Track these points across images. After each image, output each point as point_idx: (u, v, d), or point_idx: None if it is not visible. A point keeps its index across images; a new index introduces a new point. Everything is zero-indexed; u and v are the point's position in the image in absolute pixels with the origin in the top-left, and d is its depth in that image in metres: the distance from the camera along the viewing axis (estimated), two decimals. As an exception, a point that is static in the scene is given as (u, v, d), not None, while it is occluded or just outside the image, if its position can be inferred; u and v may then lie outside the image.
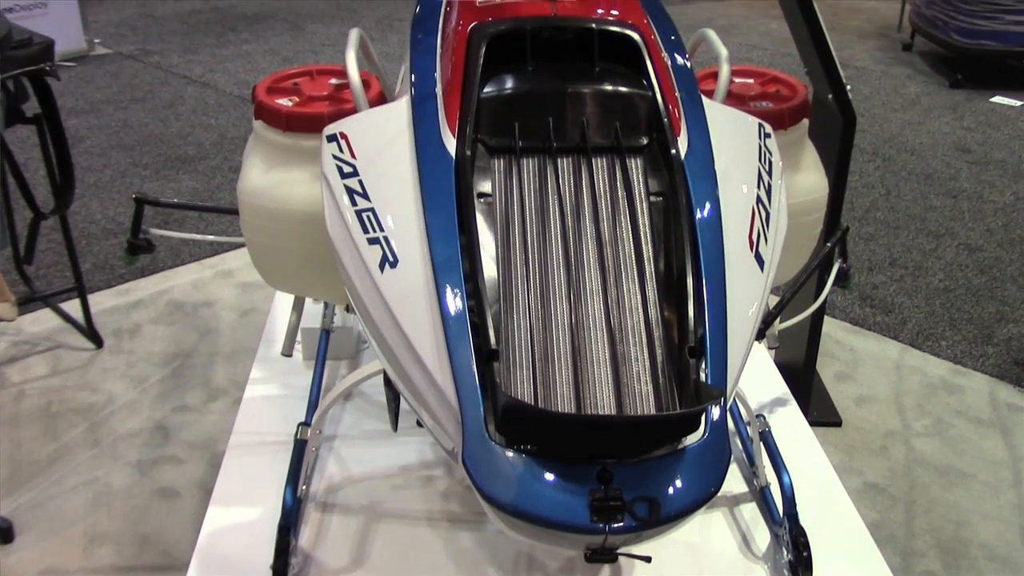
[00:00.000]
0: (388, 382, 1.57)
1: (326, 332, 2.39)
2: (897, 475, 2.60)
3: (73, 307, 3.11)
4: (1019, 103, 5.62)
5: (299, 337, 2.33)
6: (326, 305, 2.42)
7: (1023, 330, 3.31)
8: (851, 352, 3.17)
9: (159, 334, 3.14)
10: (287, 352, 2.05)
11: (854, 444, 2.71)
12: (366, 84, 1.79)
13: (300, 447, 1.91)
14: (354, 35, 1.83)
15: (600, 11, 1.65)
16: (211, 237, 2.27)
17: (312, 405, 2.15)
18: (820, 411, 2.82)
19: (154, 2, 7.49)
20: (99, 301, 3.29)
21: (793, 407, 2.28)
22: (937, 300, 3.49)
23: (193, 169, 4.41)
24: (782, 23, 2.97)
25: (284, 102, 1.82)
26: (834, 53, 2.42)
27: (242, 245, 1.90)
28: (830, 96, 2.46)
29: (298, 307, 2.08)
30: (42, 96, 2.65)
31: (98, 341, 3.05)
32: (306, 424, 1.97)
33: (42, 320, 3.16)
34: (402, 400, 1.43)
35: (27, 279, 3.16)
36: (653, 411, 1.25)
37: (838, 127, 2.46)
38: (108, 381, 2.88)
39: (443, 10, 1.75)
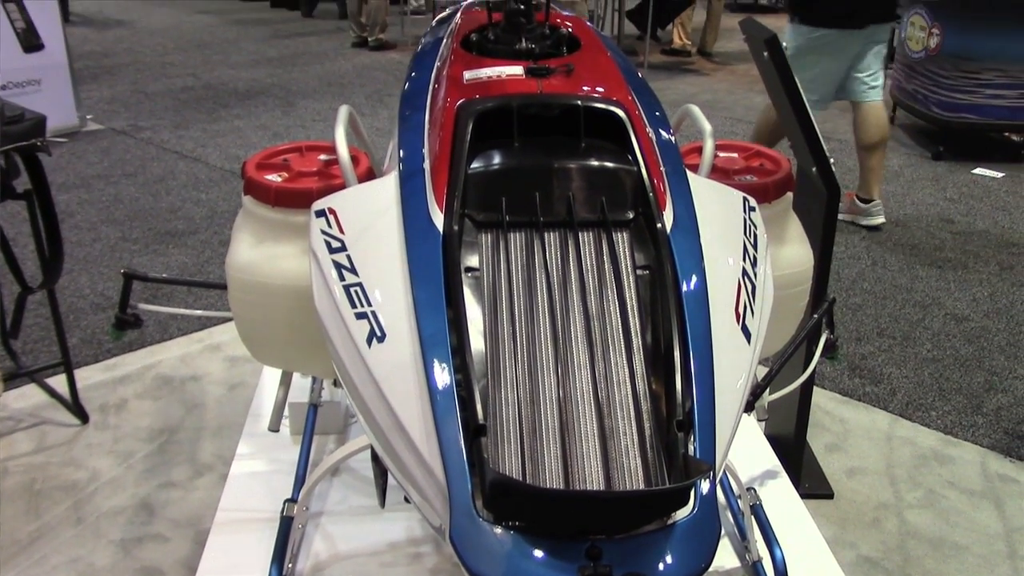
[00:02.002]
0: (376, 457, 1.56)
1: (314, 407, 2.38)
2: (891, 548, 2.57)
3: (59, 382, 3.08)
4: (1001, 174, 5.70)
5: (286, 412, 2.31)
6: (314, 379, 2.41)
7: (1012, 400, 3.31)
8: (841, 423, 3.16)
9: (145, 409, 3.12)
10: (274, 427, 2.04)
11: (846, 516, 2.69)
12: (355, 160, 1.81)
13: (286, 524, 1.89)
14: (343, 112, 1.86)
15: (585, 88, 1.68)
16: (199, 312, 2.28)
17: (299, 481, 2.13)
18: (811, 483, 2.80)
19: (146, 79, 7.58)
20: (86, 376, 3.26)
21: (784, 479, 2.27)
22: (926, 370, 3.50)
23: (183, 243, 4.42)
24: (765, 97, 3.03)
25: (273, 178, 1.83)
26: (817, 127, 2.46)
27: (230, 319, 1.90)
28: (814, 169, 2.50)
29: (286, 382, 2.07)
30: (33, 172, 2.67)
31: (83, 417, 3.02)
32: (293, 501, 1.94)
33: (27, 396, 3.14)
34: (390, 476, 1.42)
35: (13, 354, 3.14)
36: (642, 486, 1.24)
37: (822, 199, 2.49)
38: (93, 457, 2.85)
39: (431, 87, 1.78)
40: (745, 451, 2.35)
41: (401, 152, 1.62)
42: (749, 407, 1.88)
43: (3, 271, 2.79)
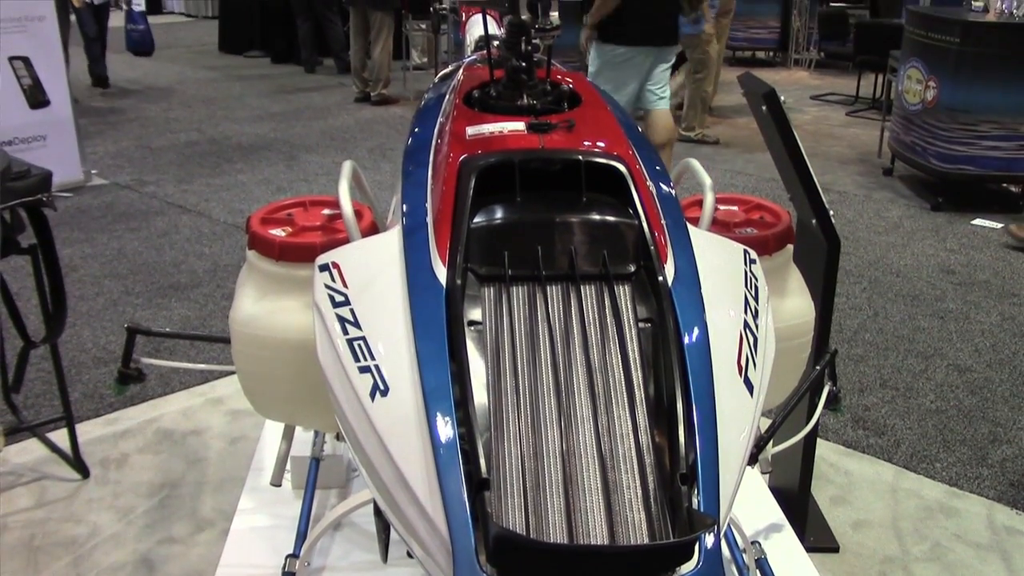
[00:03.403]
0: (378, 512, 1.55)
1: (316, 461, 2.37)
2: (898, 602, 2.54)
3: (61, 436, 3.08)
4: (1000, 225, 5.72)
5: (288, 465, 2.31)
6: (316, 433, 2.40)
7: (1017, 451, 3.29)
8: (845, 475, 3.15)
9: (146, 463, 3.10)
10: (276, 482, 2.03)
11: (852, 570, 2.66)
12: (358, 214, 1.83)
13: (288, 580, 1.88)
14: (347, 167, 1.88)
15: (586, 143, 1.70)
16: (202, 366, 2.28)
17: (301, 536, 2.11)
18: (816, 536, 2.77)
19: (151, 134, 7.66)
20: (87, 430, 3.26)
21: (789, 533, 2.25)
22: (929, 421, 3.48)
23: (186, 297, 4.44)
24: (765, 150, 3.06)
25: (277, 232, 1.85)
26: (816, 179, 2.48)
27: (233, 373, 1.90)
28: (814, 221, 2.51)
29: (288, 436, 2.06)
30: (38, 227, 2.69)
31: (84, 471, 3.01)
32: (295, 556, 1.93)
33: (28, 450, 3.13)
34: (392, 530, 1.41)
35: (15, 408, 3.13)
36: (646, 540, 1.23)
37: (823, 251, 2.51)
38: (93, 512, 2.83)
39: (433, 142, 1.80)
40: (749, 504, 2.33)
41: (404, 206, 1.63)
42: (753, 460, 1.87)
43: (6, 325, 2.80)
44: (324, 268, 1.52)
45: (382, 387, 1.33)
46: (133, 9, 7.56)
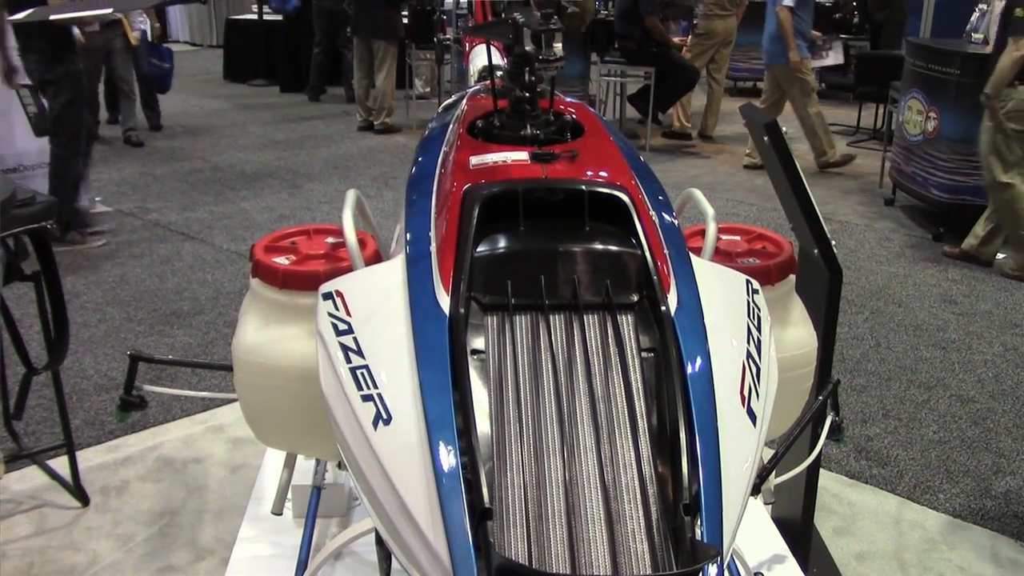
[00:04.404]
0: (380, 541, 1.55)
1: (317, 489, 2.37)
2: (902, 635, 2.52)
3: (61, 464, 3.07)
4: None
5: (289, 494, 2.30)
6: (317, 462, 2.40)
7: (1021, 482, 3.28)
8: (849, 506, 3.13)
9: (147, 491, 3.09)
10: (277, 511, 2.03)
11: (856, 602, 2.65)
12: (362, 243, 1.83)
13: (288, 610, 1.86)
14: (351, 196, 1.89)
15: (589, 173, 1.71)
16: (204, 394, 2.28)
17: (302, 565, 2.10)
18: (820, 568, 2.75)
19: (155, 162, 7.68)
20: (88, 458, 3.25)
21: (792, 564, 2.24)
22: (932, 452, 3.47)
23: (187, 324, 4.44)
24: (766, 179, 3.07)
25: (281, 260, 1.85)
26: (818, 209, 2.49)
27: (235, 400, 1.90)
28: (816, 251, 2.52)
29: (290, 464, 2.06)
30: (42, 254, 2.70)
31: (84, 499, 3.00)
32: (295, 585, 1.92)
33: (28, 478, 3.12)
34: (394, 559, 1.41)
35: (15, 436, 3.13)
36: (649, 571, 1.23)
37: (825, 281, 2.51)
38: (92, 540, 2.82)
39: (437, 172, 1.81)
40: (752, 535, 2.32)
41: (408, 235, 1.64)
42: (755, 490, 1.86)
43: (7, 351, 2.80)
44: (328, 296, 1.52)
45: (385, 416, 1.33)
46: (162, 46, 7.50)
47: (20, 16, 2.04)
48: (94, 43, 7.37)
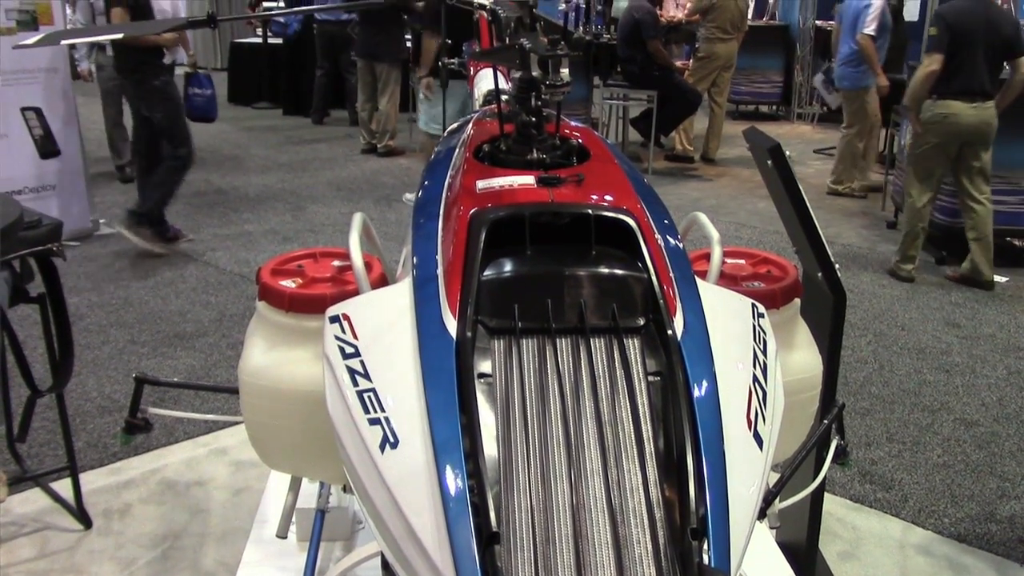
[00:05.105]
0: (385, 565, 1.54)
1: (321, 513, 2.36)
2: (908, 661, 2.51)
3: (64, 486, 3.06)
4: (1005, 279, 5.73)
5: (293, 517, 2.30)
6: (322, 485, 2.39)
7: (1026, 507, 3.27)
8: (853, 530, 3.12)
9: (149, 514, 3.09)
10: (282, 534, 2.02)
11: (862, 627, 2.64)
12: (368, 266, 1.84)
13: (292, 634, 1.86)
14: (357, 219, 1.89)
15: (595, 197, 1.71)
16: (209, 416, 2.28)
17: (306, 589, 2.10)
18: (825, 593, 2.75)
19: (159, 184, 7.70)
20: (91, 480, 3.24)
21: (798, 589, 2.23)
22: (937, 476, 3.46)
23: (191, 346, 4.44)
24: (769, 202, 3.08)
25: (288, 283, 1.86)
26: (821, 232, 2.49)
27: (240, 423, 1.90)
28: (819, 274, 2.52)
29: (294, 487, 2.06)
30: (47, 276, 2.70)
31: (87, 522, 2.99)
32: (299, 609, 1.91)
33: (31, 500, 3.11)
34: (400, 584, 1.40)
35: (18, 458, 3.13)
36: (657, 596, 1.23)
37: (829, 304, 2.51)
38: (95, 564, 2.81)
39: (444, 195, 1.82)
40: (757, 559, 2.32)
41: (415, 259, 1.64)
42: (761, 514, 1.86)
43: (12, 373, 2.80)
44: (334, 319, 1.53)
45: (392, 439, 1.33)
46: (199, 72, 7.18)
47: (30, 41, 2.05)
48: (113, 73, 7.31)
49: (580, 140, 2.01)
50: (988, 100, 5.34)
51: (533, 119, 1.88)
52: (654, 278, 1.53)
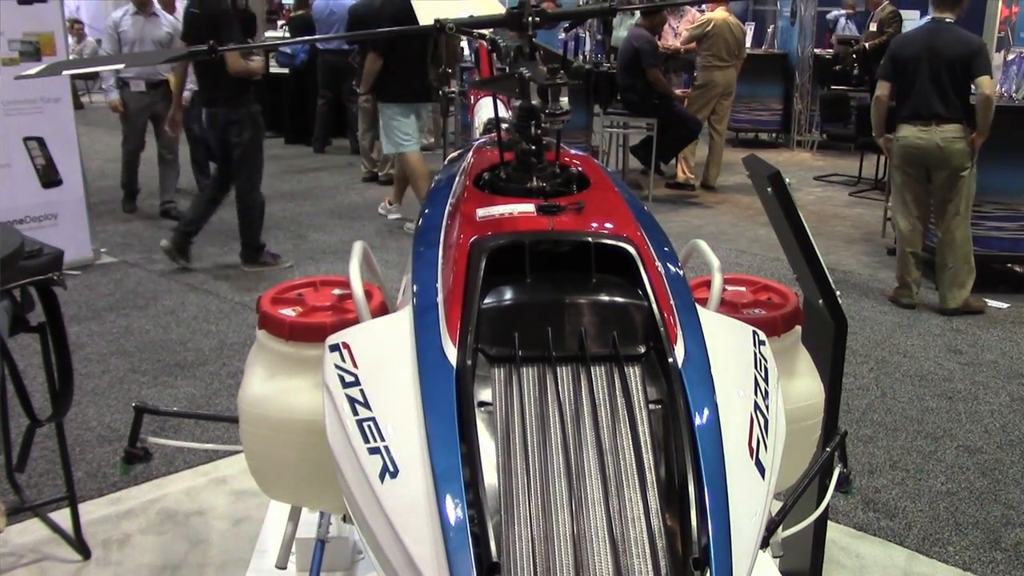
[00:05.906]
0: (386, 595, 1.53)
1: (321, 543, 2.34)
2: None
3: (63, 516, 3.05)
4: (1006, 305, 5.73)
5: (293, 547, 2.28)
6: (321, 514, 2.38)
7: (1031, 535, 3.25)
8: (857, 559, 3.10)
9: (149, 544, 3.07)
10: (282, 565, 2.01)
11: (867, 658, 2.61)
12: (368, 295, 1.84)
13: (292, 666, 1.84)
14: (358, 247, 1.89)
15: (595, 225, 1.71)
16: (208, 445, 2.27)
17: (305, 620, 2.08)
18: (830, 622, 2.72)
19: (160, 213, 7.71)
20: (90, 510, 3.22)
21: (802, 618, 2.21)
22: (941, 504, 3.44)
23: (191, 375, 4.43)
24: (769, 229, 3.08)
25: (288, 312, 1.86)
26: (821, 259, 2.49)
27: (237, 452, 1.89)
28: (820, 301, 2.52)
29: (294, 517, 2.05)
30: (48, 305, 2.70)
31: (86, 552, 2.97)
32: (298, 641, 1.90)
33: (30, 530, 3.09)
34: (400, 615, 1.39)
35: (17, 488, 3.11)
36: (659, 626, 1.21)
37: (830, 331, 2.51)
38: (94, 595, 2.79)
39: (444, 224, 1.82)
40: (761, 589, 2.29)
41: (415, 287, 1.64)
42: (764, 543, 1.85)
43: (11, 402, 2.79)
44: (334, 348, 1.52)
45: (392, 468, 1.32)
46: None
47: (33, 71, 2.06)
48: (138, 104, 7.37)
49: (580, 168, 2.02)
50: (943, 123, 5.34)
51: (533, 147, 1.89)
52: (654, 305, 1.53)
